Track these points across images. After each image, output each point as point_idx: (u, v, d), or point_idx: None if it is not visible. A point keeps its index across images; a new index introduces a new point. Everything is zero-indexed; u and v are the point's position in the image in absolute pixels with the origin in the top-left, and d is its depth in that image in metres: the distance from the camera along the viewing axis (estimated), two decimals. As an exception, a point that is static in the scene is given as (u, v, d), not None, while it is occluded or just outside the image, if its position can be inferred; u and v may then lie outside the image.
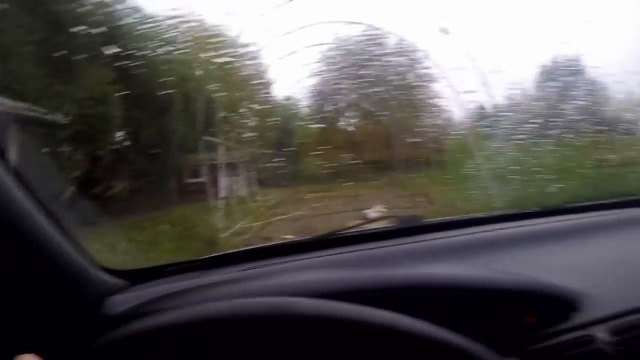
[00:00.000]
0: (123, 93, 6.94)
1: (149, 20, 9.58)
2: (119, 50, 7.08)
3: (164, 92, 8.31)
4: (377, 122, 13.22)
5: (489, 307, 1.11)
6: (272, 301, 0.91)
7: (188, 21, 12.67)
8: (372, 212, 5.86)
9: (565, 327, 1.13)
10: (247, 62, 13.55)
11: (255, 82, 12.62)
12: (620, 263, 1.43)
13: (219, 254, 1.52)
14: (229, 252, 1.55)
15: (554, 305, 1.17)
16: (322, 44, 12.49)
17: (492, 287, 1.15)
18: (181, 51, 10.36)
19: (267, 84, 12.52)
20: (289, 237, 1.71)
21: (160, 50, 9.24)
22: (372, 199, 7.03)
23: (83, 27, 6.67)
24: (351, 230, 1.67)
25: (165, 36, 9.82)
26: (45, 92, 5.88)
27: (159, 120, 8.17)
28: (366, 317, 0.85)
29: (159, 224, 6.17)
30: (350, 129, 14.47)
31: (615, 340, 1.09)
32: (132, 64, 7.41)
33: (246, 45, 13.42)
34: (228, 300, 0.89)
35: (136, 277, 1.35)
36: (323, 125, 13.96)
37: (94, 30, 6.88)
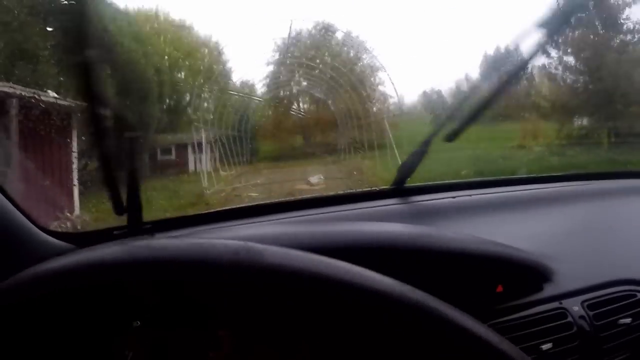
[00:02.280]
0: (113, 85, 8.49)
1: (127, 16, 10.99)
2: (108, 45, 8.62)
3: (143, 82, 9.87)
4: (324, 107, 14.73)
5: (455, 272, 1.03)
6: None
7: (157, 16, 14.09)
8: (313, 180, 7.86)
9: (536, 298, 1.06)
10: (212, 52, 15.08)
11: (218, 70, 14.11)
12: (592, 234, 1.39)
13: (171, 217, 1.45)
14: (183, 215, 1.47)
15: (524, 274, 1.11)
16: (277, 36, 13.93)
17: (458, 250, 1.08)
18: (153, 45, 11.79)
19: (228, 72, 14.04)
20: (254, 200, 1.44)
21: (136, 44, 10.54)
22: (316, 172, 8.87)
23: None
24: (330, 194, 1.64)
25: (137, 30, 11.24)
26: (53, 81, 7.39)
27: (139, 106, 9.66)
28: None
29: (144, 191, 7.84)
30: (301, 114, 15.95)
31: (590, 315, 1.03)
32: (118, 58, 8.92)
33: (210, 37, 14.94)
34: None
35: (83, 240, 1.28)
36: (277, 110, 15.57)
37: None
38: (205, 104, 13.79)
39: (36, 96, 5.76)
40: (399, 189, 1.62)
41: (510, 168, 7.54)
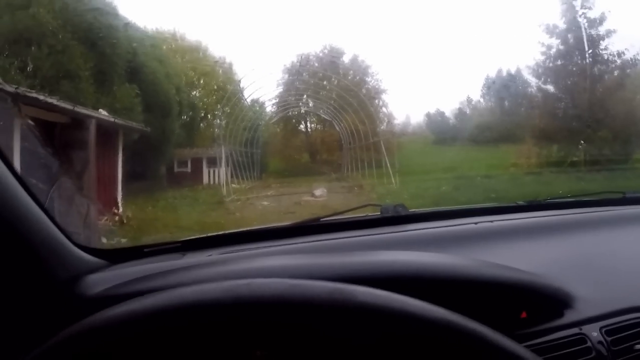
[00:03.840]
0: (141, 103, 9.51)
1: (151, 39, 12.00)
2: (135, 67, 9.69)
3: (165, 100, 10.86)
4: (330, 128, 15.82)
5: (480, 299, 1.05)
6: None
7: (175, 39, 15.16)
8: (317, 192, 8.83)
9: (557, 324, 1.08)
10: (225, 73, 16.11)
11: (231, 90, 15.09)
12: (609, 261, 1.40)
13: (200, 236, 1.50)
14: (210, 234, 1.53)
15: (546, 300, 1.14)
16: (287, 58, 14.88)
17: (484, 278, 1.11)
18: (172, 66, 12.75)
19: (240, 92, 15.02)
20: (274, 223, 1.75)
21: (159, 66, 11.51)
22: (320, 187, 9.78)
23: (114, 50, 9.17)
24: (336, 218, 1.64)
25: (160, 52, 12.25)
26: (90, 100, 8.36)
27: (161, 122, 10.62)
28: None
29: (167, 199, 8.79)
30: (308, 133, 17.22)
31: (607, 340, 1.04)
32: (142, 79, 9.94)
33: (224, 58, 15.96)
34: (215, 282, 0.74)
35: (116, 256, 1.32)
36: (286, 129, 16.60)
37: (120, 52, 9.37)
38: (218, 121, 15.05)
39: (95, 114, 6.78)
40: (412, 216, 1.66)
41: (489, 186, 8.26)
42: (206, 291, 0.71)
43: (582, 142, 9.97)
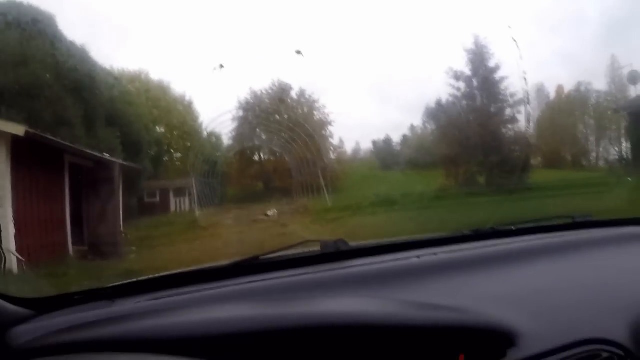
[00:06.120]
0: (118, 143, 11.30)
1: (118, 83, 13.65)
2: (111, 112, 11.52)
3: (135, 140, 12.59)
4: (281, 158, 17.55)
5: (415, 344, 1.04)
6: None
7: (140, 78, 16.78)
8: (269, 213, 10.98)
9: None
10: (186, 110, 17.82)
11: (191, 126, 16.87)
12: (557, 291, 1.36)
13: (129, 281, 1.46)
14: (140, 279, 1.48)
15: (486, 340, 1.10)
16: (241, 95, 16.66)
17: (417, 322, 1.10)
18: (139, 105, 14.44)
19: (200, 127, 16.76)
20: (213, 263, 1.72)
21: (128, 109, 13.13)
22: (272, 209, 11.91)
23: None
24: (274, 255, 1.59)
25: (129, 97, 13.96)
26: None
27: (134, 159, 12.28)
28: None
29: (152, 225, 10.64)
30: (262, 163, 18.85)
31: None
32: (117, 122, 11.72)
33: (184, 95, 17.65)
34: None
35: (42, 305, 1.29)
36: (242, 160, 18.32)
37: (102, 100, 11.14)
38: (180, 155, 16.92)
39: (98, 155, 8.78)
40: (353, 251, 1.63)
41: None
42: None
43: (477, 166, 12.55)
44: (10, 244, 5.67)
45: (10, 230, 5.88)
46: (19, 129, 6.41)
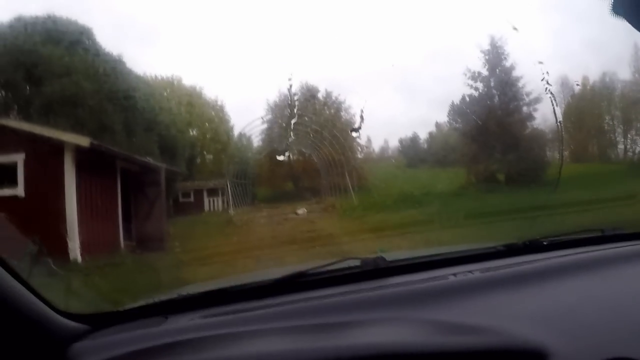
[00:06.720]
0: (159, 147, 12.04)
1: (153, 90, 14.39)
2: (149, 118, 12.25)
3: (171, 144, 13.32)
4: (309, 158, 17.92)
5: None
6: None
7: (172, 84, 17.54)
8: (299, 211, 11.57)
9: None
10: (218, 114, 18.52)
11: (223, 128, 17.55)
12: (587, 308, 1.37)
13: (179, 296, 1.53)
14: (189, 294, 1.55)
15: None
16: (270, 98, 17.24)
17: (455, 349, 1.13)
18: (173, 111, 15.18)
19: (231, 130, 17.39)
20: (253, 277, 1.96)
21: (164, 114, 13.84)
22: (301, 208, 12.55)
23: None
24: (317, 271, 1.65)
25: (165, 104, 14.68)
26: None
27: (170, 162, 12.96)
28: None
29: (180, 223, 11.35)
30: (291, 163, 19.06)
31: None
32: (154, 127, 12.47)
33: (216, 100, 18.31)
34: None
35: (98, 321, 1.34)
36: (272, 161, 18.41)
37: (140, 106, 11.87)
38: (211, 157, 17.70)
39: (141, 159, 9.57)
40: (390, 268, 1.67)
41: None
42: None
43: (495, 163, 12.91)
44: (75, 239, 6.45)
45: (75, 228, 6.64)
46: (84, 140, 7.23)
